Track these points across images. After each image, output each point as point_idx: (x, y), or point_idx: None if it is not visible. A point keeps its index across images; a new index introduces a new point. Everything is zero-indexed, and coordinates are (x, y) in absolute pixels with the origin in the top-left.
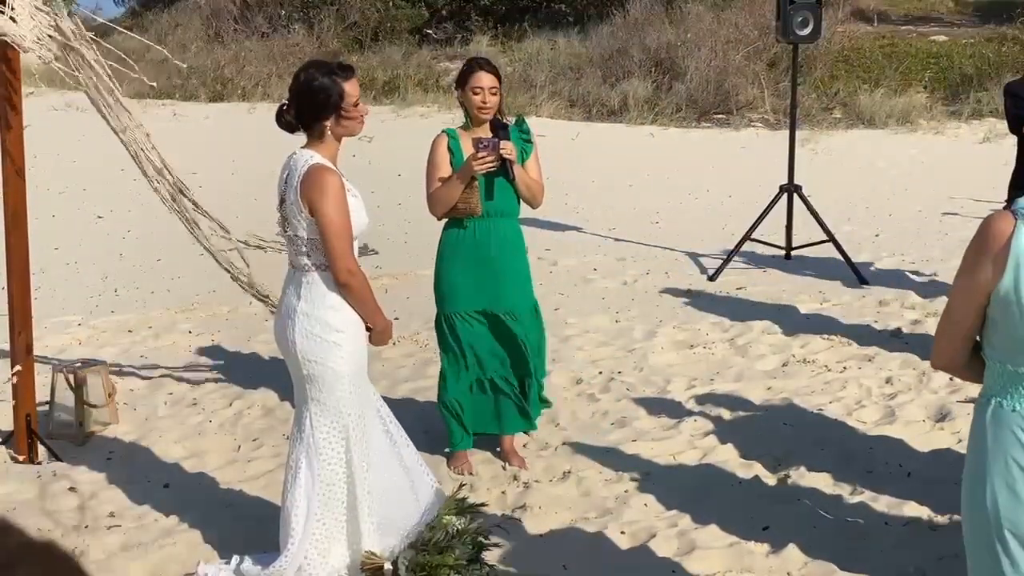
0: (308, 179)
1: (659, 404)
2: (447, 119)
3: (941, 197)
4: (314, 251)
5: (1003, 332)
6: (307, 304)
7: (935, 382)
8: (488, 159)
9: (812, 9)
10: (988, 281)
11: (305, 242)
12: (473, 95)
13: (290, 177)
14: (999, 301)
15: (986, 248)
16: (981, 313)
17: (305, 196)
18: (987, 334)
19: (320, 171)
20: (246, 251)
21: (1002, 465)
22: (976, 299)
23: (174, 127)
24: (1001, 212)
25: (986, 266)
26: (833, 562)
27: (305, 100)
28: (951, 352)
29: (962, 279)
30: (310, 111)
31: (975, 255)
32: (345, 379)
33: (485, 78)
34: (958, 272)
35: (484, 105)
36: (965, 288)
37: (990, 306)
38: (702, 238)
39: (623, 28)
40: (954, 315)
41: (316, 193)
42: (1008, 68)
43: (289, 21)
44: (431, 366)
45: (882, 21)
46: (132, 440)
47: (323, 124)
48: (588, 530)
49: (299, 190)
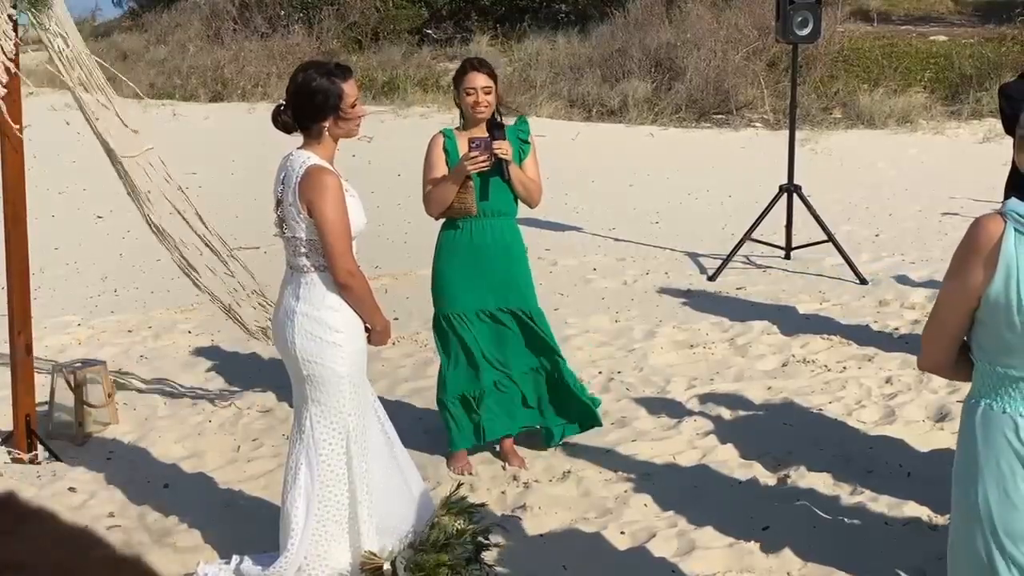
0: (306, 180)
1: (659, 404)
2: (447, 119)
3: (941, 197)
4: (313, 252)
5: (992, 334)
6: (306, 305)
7: (935, 382)
8: (480, 159)
9: (812, 9)
10: (978, 284)
11: (304, 243)
12: (467, 95)
13: (287, 178)
14: (988, 304)
15: (975, 251)
16: (970, 315)
17: (304, 197)
18: (976, 336)
19: (318, 172)
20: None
21: (994, 467)
22: (965, 302)
23: (174, 127)
24: (990, 215)
25: (975, 269)
26: (833, 562)
27: (304, 101)
28: (938, 354)
29: (951, 282)
30: (309, 112)
31: (964, 258)
32: (345, 380)
33: (478, 78)
34: (947, 275)
35: (478, 105)
36: (954, 291)
37: (979, 309)
38: (702, 238)
39: (623, 28)
40: (942, 317)
41: (315, 194)
42: (1008, 68)
43: (289, 21)
44: (431, 366)
45: (882, 21)
46: (132, 440)
47: (321, 125)
48: (588, 530)
49: (297, 191)
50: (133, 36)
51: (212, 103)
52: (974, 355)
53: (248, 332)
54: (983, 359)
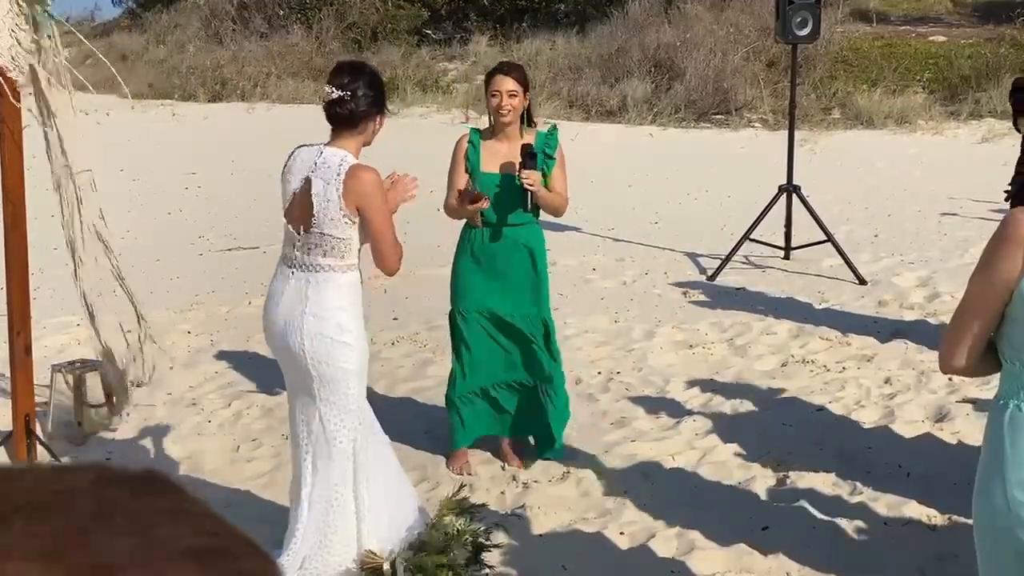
0: (355, 180)
1: (658, 404)
2: (446, 119)
3: (940, 197)
4: (336, 251)
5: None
6: (314, 306)
7: (934, 382)
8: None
9: (811, 9)
10: (1011, 278)
11: (334, 241)
12: (491, 97)
13: (324, 174)
14: (1021, 298)
15: (1009, 243)
16: (1000, 313)
17: (351, 198)
18: (1006, 334)
19: (365, 171)
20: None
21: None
22: (997, 296)
23: (173, 127)
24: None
25: (1008, 262)
26: (832, 563)
27: (378, 91)
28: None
29: (981, 276)
30: (376, 103)
31: (998, 250)
32: (354, 378)
33: (505, 82)
34: (976, 270)
35: (501, 108)
36: (985, 285)
37: (1011, 304)
38: (701, 238)
39: (622, 28)
40: (972, 315)
41: (368, 194)
42: (1007, 69)
43: (288, 21)
44: (431, 366)
45: (881, 21)
46: (132, 440)
47: (377, 120)
48: (587, 530)
49: (342, 190)
50: (132, 36)
51: (211, 103)
52: (1003, 355)
53: (116, 383)
54: (1013, 358)
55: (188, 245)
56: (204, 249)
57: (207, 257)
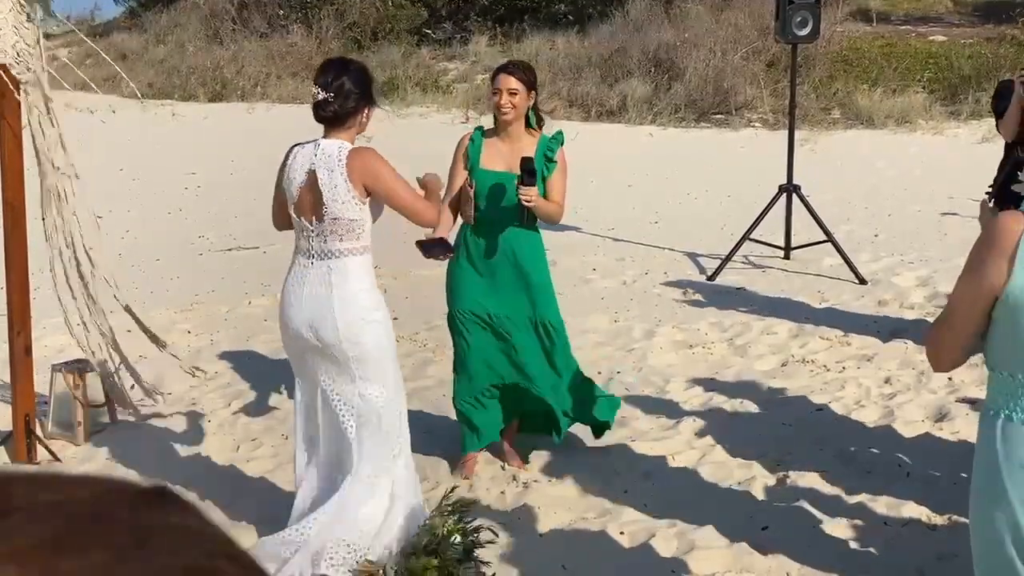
0: (357, 160)
1: (658, 404)
2: (446, 119)
3: (940, 197)
4: (352, 233)
5: (1010, 339)
6: (340, 290)
7: (934, 382)
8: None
9: (811, 9)
10: (996, 283)
11: (346, 223)
12: (493, 94)
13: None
14: (1007, 305)
15: (995, 247)
16: (986, 315)
17: (357, 176)
18: (992, 342)
19: (364, 150)
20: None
21: (1020, 483)
22: (981, 302)
23: (173, 127)
24: (1011, 211)
25: (994, 266)
26: (832, 562)
27: (365, 86)
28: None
29: (967, 280)
30: (363, 97)
31: (982, 254)
32: (388, 352)
33: (507, 80)
34: (962, 274)
35: (501, 106)
36: (970, 290)
37: (995, 311)
38: (701, 238)
39: (622, 28)
40: (957, 318)
41: (374, 169)
42: (1007, 68)
43: (288, 21)
44: (431, 366)
45: (881, 21)
46: (132, 440)
47: (365, 112)
48: (587, 530)
49: (347, 172)
50: (132, 36)
51: (211, 103)
52: (989, 364)
53: None
54: (999, 367)
55: (188, 245)
56: (204, 249)
57: (207, 257)
